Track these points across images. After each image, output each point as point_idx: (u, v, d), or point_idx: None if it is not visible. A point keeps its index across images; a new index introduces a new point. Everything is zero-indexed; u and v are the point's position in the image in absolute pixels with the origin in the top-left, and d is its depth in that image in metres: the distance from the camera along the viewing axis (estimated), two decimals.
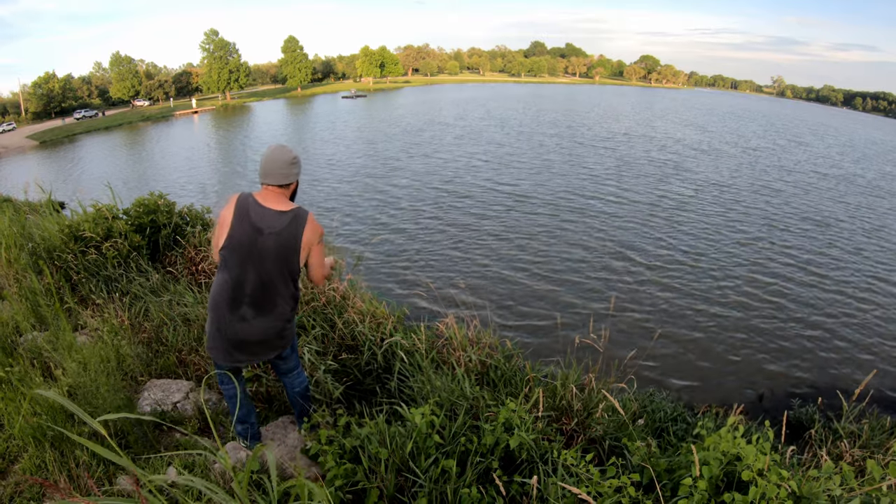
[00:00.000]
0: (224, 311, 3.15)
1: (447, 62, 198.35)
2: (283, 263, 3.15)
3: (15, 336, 5.37)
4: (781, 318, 14.23)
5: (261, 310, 3.19)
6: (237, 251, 3.08)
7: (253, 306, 3.16)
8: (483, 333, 4.96)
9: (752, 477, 2.89)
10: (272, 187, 3.14)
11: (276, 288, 3.20)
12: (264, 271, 3.12)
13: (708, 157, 39.75)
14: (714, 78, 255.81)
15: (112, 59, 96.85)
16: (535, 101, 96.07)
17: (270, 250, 3.09)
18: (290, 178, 3.16)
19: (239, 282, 3.11)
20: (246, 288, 3.12)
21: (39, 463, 3.58)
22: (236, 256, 3.09)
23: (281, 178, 3.12)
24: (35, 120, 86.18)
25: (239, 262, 3.09)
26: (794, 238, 21.08)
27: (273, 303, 3.22)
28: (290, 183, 3.18)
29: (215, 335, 3.22)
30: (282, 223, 3.09)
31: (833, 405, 8.36)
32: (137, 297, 6.06)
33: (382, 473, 3.07)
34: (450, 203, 25.06)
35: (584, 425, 3.99)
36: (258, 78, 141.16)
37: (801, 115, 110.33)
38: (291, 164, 3.15)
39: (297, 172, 3.20)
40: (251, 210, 3.08)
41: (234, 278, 3.11)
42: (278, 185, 3.14)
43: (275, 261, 3.12)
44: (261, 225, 3.06)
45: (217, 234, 3.16)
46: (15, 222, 7.52)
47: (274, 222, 3.08)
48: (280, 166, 3.11)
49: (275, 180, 3.11)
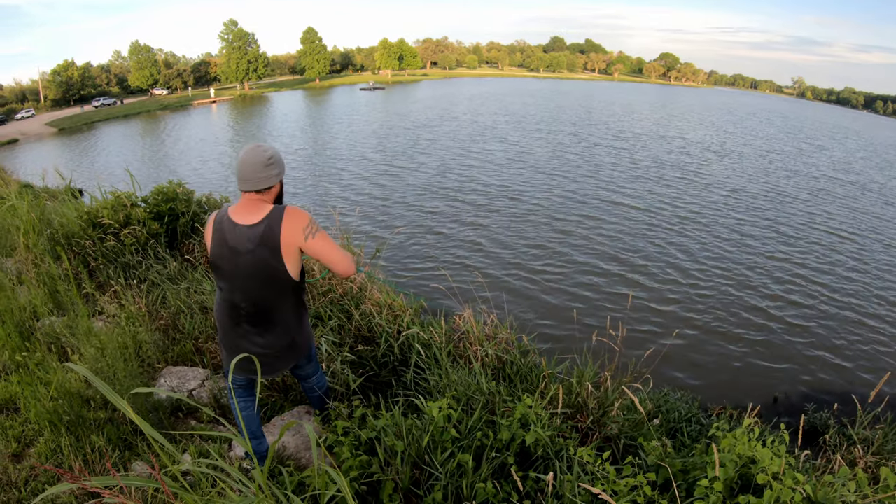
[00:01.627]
0: (227, 328, 3.02)
1: (466, 56, 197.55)
2: (269, 280, 2.88)
3: (32, 321, 5.41)
4: (797, 323, 14.10)
5: (261, 327, 3.00)
6: (221, 274, 2.90)
7: (252, 324, 2.98)
8: (500, 328, 4.94)
9: (767, 480, 2.86)
10: (250, 194, 2.82)
11: (271, 304, 2.97)
12: (252, 291, 2.89)
13: (733, 160, 39.36)
14: (734, 77, 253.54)
15: (131, 48, 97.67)
16: (554, 98, 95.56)
17: (250, 270, 2.83)
18: (268, 181, 2.81)
19: (232, 302, 2.94)
20: (241, 308, 2.93)
21: (55, 447, 3.61)
22: (222, 279, 2.92)
23: (258, 183, 2.78)
24: (54, 107, 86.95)
25: (226, 283, 2.91)
26: (813, 243, 20.84)
27: (271, 320, 3.01)
28: (269, 187, 2.84)
29: (224, 348, 3.11)
30: (254, 240, 2.77)
31: (847, 411, 8.28)
32: (155, 285, 6.10)
33: (398, 466, 3.07)
34: (469, 198, 25.02)
35: (599, 423, 3.97)
36: (276, 68, 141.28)
37: (823, 118, 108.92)
38: (268, 166, 2.79)
39: (276, 174, 2.85)
40: (226, 230, 2.81)
41: (227, 299, 2.95)
42: (256, 191, 2.81)
43: (258, 279, 2.87)
44: (236, 245, 2.80)
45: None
46: (34, 208, 7.57)
47: (247, 241, 2.79)
48: (256, 169, 2.76)
49: (252, 185, 2.78)
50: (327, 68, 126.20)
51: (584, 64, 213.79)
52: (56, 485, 3.37)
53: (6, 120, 73.72)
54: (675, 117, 72.43)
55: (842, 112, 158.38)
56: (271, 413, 4.20)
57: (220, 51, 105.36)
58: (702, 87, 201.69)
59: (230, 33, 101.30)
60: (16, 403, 4.17)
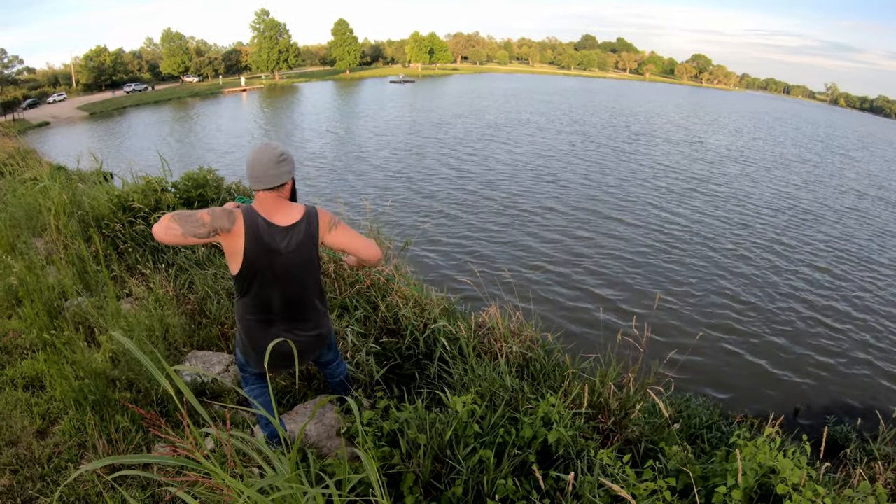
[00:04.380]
0: (257, 332, 3.02)
1: (497, 51, 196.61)
2: (307, 276, 3.01)
3: (60, 300, 5.50)
4: (823, 334, 13.91)
5: (293, 324, 3.06)
6: (257, 276, 2.88)
7: (284, 323, 3.04)
8: (525, 326, 4.93)
9: (787, 491, 2.83)
10: (266, 193, 2.85)
11: (305, 299, 3.07)
12: (288, 289, 2.96)
13: (779, 172, 38.87)
14: (766, 81, 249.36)
15: (163, 35, 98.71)
16: (586, 96, 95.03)
17: (290, 268, 2.91)
18: (281, 178, 2.84)
19: (265, 304, 2.96)
20: (273, 308, 2.98)
21: (79, 426, 3.67)
22: (257, 281, 2.89)
23: (272, 180, 2.81)
24: (85, 92, 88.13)
25: (260, 285, 2.90)
26: (846, 258, 20.50)
27: (305, 315, 3.10)
28: (283, 184, 2.87)
29: (251, 350, 3.09)
30: (297, 238, 2.89)
31: (869, 426, 8.17)
32: (183, 269, 6.17)
33: (419, 458, 3.07)
34: (500, 195, 24.97)
35: (620, 425, 3.95)
36: (307, 59, 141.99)
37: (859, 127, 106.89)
38: (279, 163, 2.82)
39: (288, 171, 2.88)
40: (262, 231, 2.82)
41: (260, 302, 2.95)
42: (270, 189, 2.84)
43: (297, 278, 2.97)
44: (275, 246, 2.84)
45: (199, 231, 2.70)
46: (65, 189, 7.69)
47: (288, 240, 2.87)
48: (267, 167, 2.80)
49: (265, 184, 2.81)
50: (357, 60, 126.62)
51: (616, 63, 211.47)
52: (82, 463, 3.46)
53: (38, 103, 74.72)
54: (720, 126, 71.57)
55: (877, 120, 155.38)
56: (294, 401, 4.23)
57: (252, 40, 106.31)
58: (734, 91, 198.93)
59: (262, 23, 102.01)
60: (42, 381, 4.25)
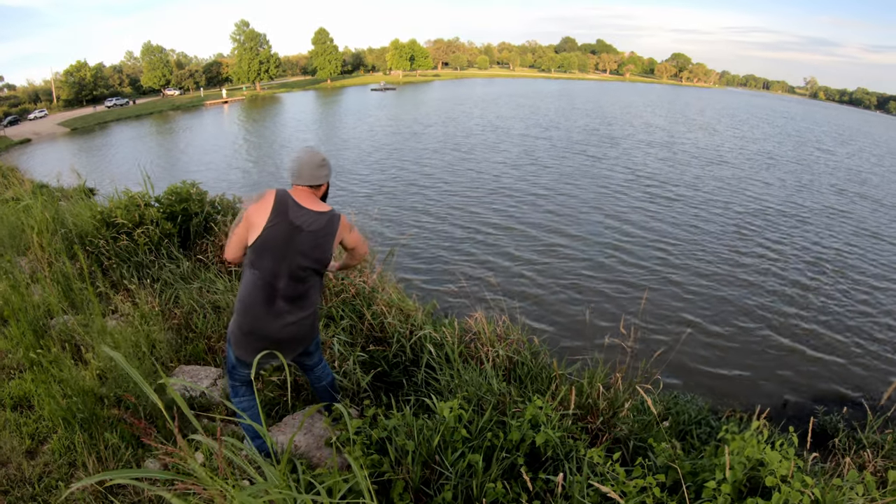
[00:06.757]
0: (259, 308, 3.15)
1: (477, 56, 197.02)
2: (317, 259, 3.21)
3: (46, 319, 5.46)
4: (808, 326, 14.02)
5: (295, 303, 3.22)
6: (271, 248, 3.10)
7: (288, 300, 3.19)
8: (511, 329, 4.95)
9: (776, 483, 2.86)
10: (304, 188, 3.24)
11: (310, 279, 3.26)
12: (298, 266, 3.15)
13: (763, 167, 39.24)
14: (746, 78, 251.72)
15: (143, 49, 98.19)
16: (566, 99, 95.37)
17: (307, 246, 3.14)
18: (320, 179, 3.27)
19: (273, 277, 3.13)
20: (279, 283, 3.14)
21: (68, 444, 3.64)
22: (269, 253, 3.10)
23: (312, 179, 3.24)
24: (66, 107, 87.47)
25: (272, 258, 3.11)
26: (827, 248, 20.70)
27: (306, 295, 3.28)
28: (320, 184, 3.30)
29: (246, 336, 3.21)
30: (320, 222, 3.17)
31: (857, 415, 8.25)
32: (168, 284, 6.15)
33: (409, 465, 3.09)
34: (483, 201, 25.01)
35: (609, 424, 3.98)
36: (288, 69, 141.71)
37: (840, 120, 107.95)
38: (321, 167, 3.27)
39: (326, 174, 3.32)
40: (290, 208, 3.12)
41: (268, 275, 3.12)
42: (310, 186, 3.25)
43: (310, 256, 3.17)
44: (299, 223, 3.11)
45: (239, 231, 3.19)
46: (48, 207, 7.64)
47: (313, 221, 3.15)
48: (311, 168, 3.23)
49: (306, 181, 3.22)
50: (339, 69, 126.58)
51: (596, 64, 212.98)
52: (72, 482, 3.44)
53: (19, 120, 74.24)
54: (705, 122, 72.06)
55: (856, 113, 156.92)
56: (283, 413, 4.23)
57: (232, 51, 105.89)
58: (713, 88, 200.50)
59: (242, 34, 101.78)
60: (30, 401, 4.22)
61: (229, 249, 3.28)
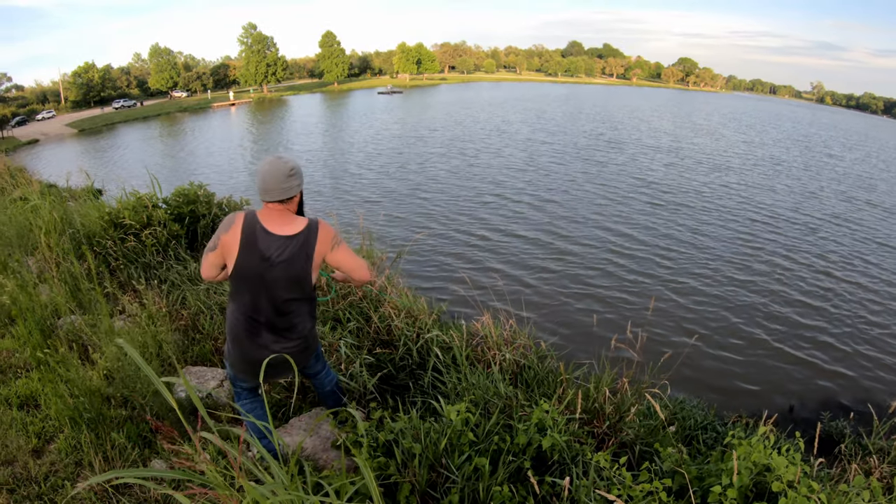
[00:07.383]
0: (243, 339, 3.06)
1: (484, 60, 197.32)
2: (297, 288, 3.02)
3: (53, 319, 5.49)
4: (816, 331, 13.97)
5: (280, 334, 3.09)
6: (246, 281, 2.95)
7: (272, 331, 3.06)
8: (518, 334, 4.95)
9: (783, 488, 2.85)
10: (274, 204, 2.95)
11: (293, 310, 3.09)
12: (277, 298, 2.99)
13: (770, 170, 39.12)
14: (752, 82, 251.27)
15: (151, 51, 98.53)
16: (572, 103, 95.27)
17: (281, 280, 2.95)
18: (290, 191, 2.94)
19: (254, 311, 3.00)
20: (260, 316, 3.01)
21: (75, 444, 3.67)
22: (246, 286, 2.96)
23: (281, 193, 2.91)
24: (74, 108, 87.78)
25: (249, 290, 2.97)
26: (837, 254, 20.60)
27: (291, 325, 3.12)
28: (291, 197, 2.97)
29: (238, 360, 3.14)
30: (291, 250, 2.93)
31: (863, 421, 8.21)
32: (175, 285, 6.18)
33: (415, 468, 3.08)
34: (492, 204, 24.99)
35: (615, 429, 3.97)
36: (295, 72, 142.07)
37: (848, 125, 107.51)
38: (290, 177, 2.93)
39: (297, 184, 2.99)
40: (258, 237, 2.89)
41: (248, 308, 3.00)
42: (279, 201, 2.94)
43: (287, 288, 2.99)
44: (269, 254, 2.89)
45: (211, 259, 3.01)
46: (56, 208, 7.68)
47: (283, 250, 2.92)
48: (278, 180, 2.90)
49: (275, 196, 2.91)
50: (345, 72, 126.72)
51: (603, 68, 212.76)
52: (78, 481, 3.45)
53: (27, 120, 74.55)
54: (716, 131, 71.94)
55: (863, 118, 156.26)
56: (288, 415, 4.23)
57: (240, 54, 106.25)
58: (720, 93, 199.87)
59: (249, 37, 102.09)
60: (36, 400, 4.24)
61: (203, 271, 3.09)
